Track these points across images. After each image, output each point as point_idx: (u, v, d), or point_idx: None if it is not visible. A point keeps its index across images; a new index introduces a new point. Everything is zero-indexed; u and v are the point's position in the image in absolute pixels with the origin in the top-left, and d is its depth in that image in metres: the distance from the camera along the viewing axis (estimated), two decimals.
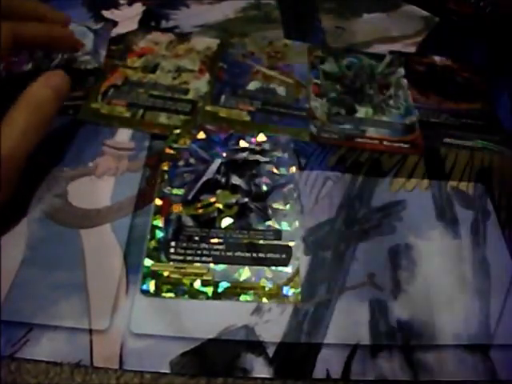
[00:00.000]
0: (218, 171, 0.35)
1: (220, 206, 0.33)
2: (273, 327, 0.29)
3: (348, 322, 0.30)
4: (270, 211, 0.33)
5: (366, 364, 0.28)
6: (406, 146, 0.39)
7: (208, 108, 0.39)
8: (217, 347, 0.28)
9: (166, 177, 0.35)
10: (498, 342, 0.30)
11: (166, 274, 0.30)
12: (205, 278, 0.30)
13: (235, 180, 0.35)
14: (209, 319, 0.29)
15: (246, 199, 0.34)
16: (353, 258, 0.32)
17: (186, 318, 0.29)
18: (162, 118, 0.38)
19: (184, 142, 0.37)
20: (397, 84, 0.44)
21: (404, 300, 0.31)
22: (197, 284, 0.30)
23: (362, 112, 0.41)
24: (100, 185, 0.34)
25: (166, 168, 0.35)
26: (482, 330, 0.30)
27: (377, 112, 0.41)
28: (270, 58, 0.44)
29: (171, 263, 0.31)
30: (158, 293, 0.29)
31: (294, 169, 0.36)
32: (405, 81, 0.44)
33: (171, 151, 0.36)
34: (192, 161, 0.36)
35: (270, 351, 0.28)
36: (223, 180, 0.35)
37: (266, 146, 0.37)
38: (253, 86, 0.42)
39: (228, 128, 0.38)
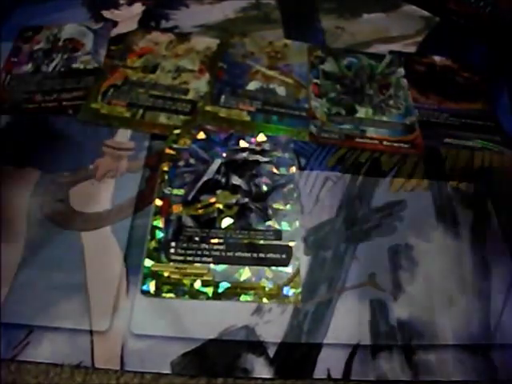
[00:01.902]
0: (218, 171, 0.35)
1: (220, 206, 0.33)
2: (273, 327, 0.29)
3: (348, 321, 0.30)
4: (270, 211, 0.33)
5: (367, 364, 0.28)
6: (406, 145, 0.39)
7: (208, 108, 0.39)
8: (217, 347, 0.28)
9: (166, 177, 0.35)
10: (498, 341, 0.30)
11: (166, 274, 0.30)
12: (205, 278, 0.30)
13: (235, 180, 0.35)
14: (209, 319, 0.29)
15: (246, 199, 0.34)
16: (353, 258, 0.32)
17: (187, 318, 0.29)
18: (162, 118, 0.38)
19: (184, 143, 0.37)
20: (397, 84, 0.44)
21: (404, 300, 0.31)
22: (197, 284, 0.30)
23: (361, 112, 0.41)
24: (100, 188, 0.34)
25: (166, 168, 0.35)
26: (482, 330, 0.30)
27: (377, 112, 0.41)
28: (270, 58, 0.44)
29: (171, 264, 0.31)
30: (158, 293, 0.29)
31: (293, 169, 0.36)
32: (405, 81, 0.44)
33: (171, 151, 0.36)
34: (192, 161, 0.36)
35: (271, 351, 0.28)
36: (223, 180, 0.35)
37: (266, 146, 0.37)
38: (253, 85, 0.42)
39: (228, 128, 0.38)
